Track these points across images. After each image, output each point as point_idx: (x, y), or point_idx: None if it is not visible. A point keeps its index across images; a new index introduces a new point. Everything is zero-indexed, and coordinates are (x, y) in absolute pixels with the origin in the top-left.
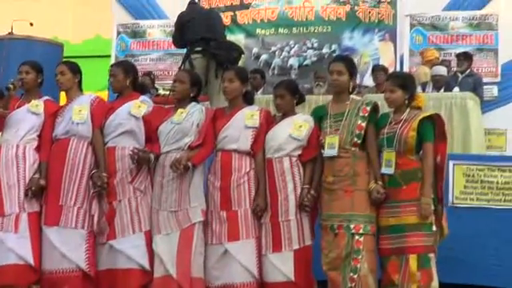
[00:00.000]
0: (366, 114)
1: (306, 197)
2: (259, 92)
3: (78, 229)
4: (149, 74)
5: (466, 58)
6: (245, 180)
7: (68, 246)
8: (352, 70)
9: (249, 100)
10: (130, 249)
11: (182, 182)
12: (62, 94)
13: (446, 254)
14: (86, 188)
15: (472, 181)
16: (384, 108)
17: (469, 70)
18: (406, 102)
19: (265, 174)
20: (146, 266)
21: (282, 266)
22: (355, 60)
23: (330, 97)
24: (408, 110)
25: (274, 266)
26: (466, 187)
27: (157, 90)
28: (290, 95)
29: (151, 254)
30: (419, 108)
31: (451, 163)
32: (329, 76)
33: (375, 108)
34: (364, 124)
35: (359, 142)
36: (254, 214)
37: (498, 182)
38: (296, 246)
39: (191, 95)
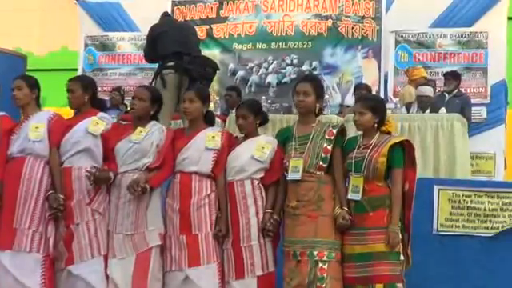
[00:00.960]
0: (333, 137)
1: (268, 221)
2: (234, 110)
3: (32, 253)
4: (118, 89)
5: (454, 77)
6: (205, 202)
7: (22, 271)
8: (319, 91)
9: (210, 121)
10: (88, 274)
11: (139, 204)
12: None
13: (429, 284)
14: (42, 210)
15: (458, 207)
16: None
17: (456, 90)
18: (376, 125)
19: (226, 198)
20: None
21: None
22: (337, 78)
23: (297, 116)
24: (378, 134)
25: None
26: (452, 214)
27: (126, 106)
28: (253, 116)
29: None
30: (389, 133)
31: (436, 188)
32: (295, 97)
33: (342, 131)
34: (330, 147)
35: (325, 165)
36: (216, 238)
37: (485, 209)
38: (259, 273)
39: (151, 113)
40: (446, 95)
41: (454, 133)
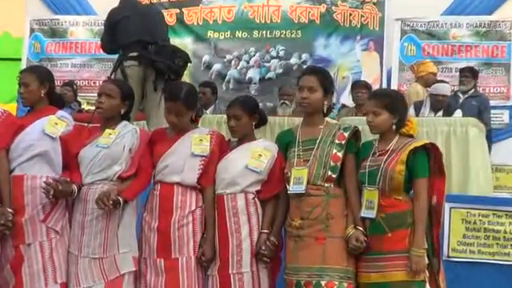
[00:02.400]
0: (344, 142)
1: (264, 244)
2: (209, 110)
3: None
4: (70, 83)
5: (472, 74)
6: (189, 221)
7: None
8: (327, 85)
9: (197, 120)
10: None
11: (109, 222)
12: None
13: None
14: None
15: (473, 229)
16: (366, 135)
17: (473, 90)
18: (394, 127)
19: (214, 214)
20: None
21: None
22: (331, 74)
23: (299, 119)
24: (397, 137)
25: None
26: (466, 237)
27: (79, 104)
28: (248, 116)
29: None
30: (411, 136)
31: (447, 206)
32: (297, 93)
33: (356, 134)
34: (341, 154)
35: (334, 176)
36: (199, 263)
37: (505, 231)
38: None
39: (121, 112)
40: (461, 96)
41: (469, 140)
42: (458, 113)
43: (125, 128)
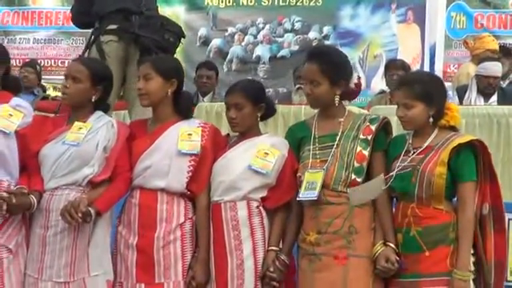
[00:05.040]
0: (371, 137)
1: (272, 265)
2: (206, 98)
3: None
4: (32, 64)
5: (506, 54)
6: (176, 236)
7: None
8: (335, 72)
9: (184, 110)
10: None
11: (77, 237)
12: None
13: None
14: None
15: None
16: (398, 127)
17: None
18: (431, 120)
19: (209, 228)
20: None
21: None
22: (360, 51)
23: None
24: (436, 131)
25: None
26: None
27: (44, 89)
28: (252, 105)
29: None
30: (452, 128)
31: (508, 217)
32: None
33: (385, 127)
34: (367, 152)
35: (359, 179)
36: None
37: None
38: None
39: (92, 99)
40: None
41: None
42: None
43: (99, 120)
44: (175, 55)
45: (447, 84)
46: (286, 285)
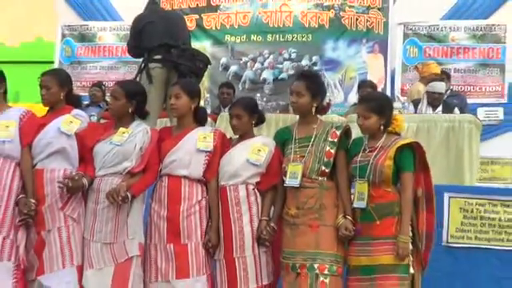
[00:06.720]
0: (336, 140)
1: (264, 229)
2: (226, 109)
3: (3, 261)
4: (99, 84)
5: (447, 76)
6: (196, 210)
7: None
8: (314, 89)
9: (201, 119)
10: (59, 286)
11: (119, 211)
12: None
13: None
14: (13, 216)
15: (470, 217)
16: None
17: (449, 91)
18: (382, 127)
19: (218, 205)
20: None
21: None
22: (339, 74)
23: None
24: (385, 135)
25: None
26: (464, 224)
27: (107, 103)
28: (248, 115)
29: None
30: (397, 133)
31: (446, 196)
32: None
33: (347, 132)
34: (334, 151)
35: (327, 170)
36: (206, 249)
37: (500, 219)
38: (253, 286)
39: (129, 111)
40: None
41: (464, 135)
42: (456, 111)
43: (137, 127)
44: (204, 78)
45: (403, 98)
46: (274, 244)
